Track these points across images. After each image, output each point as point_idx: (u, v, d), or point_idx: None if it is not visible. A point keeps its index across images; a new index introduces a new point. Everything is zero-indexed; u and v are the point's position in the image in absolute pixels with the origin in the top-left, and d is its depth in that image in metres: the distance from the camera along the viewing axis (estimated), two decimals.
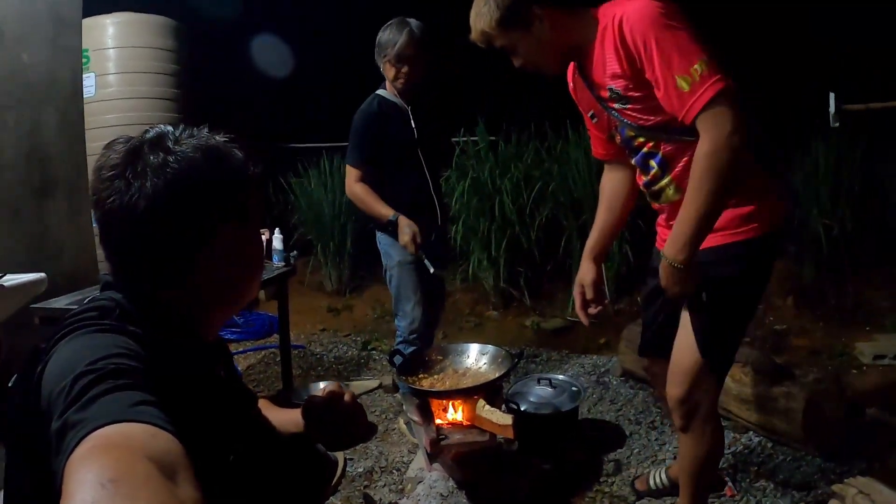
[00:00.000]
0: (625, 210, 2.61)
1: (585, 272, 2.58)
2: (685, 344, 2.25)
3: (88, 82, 5.15)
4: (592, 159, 5.71)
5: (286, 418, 1.57)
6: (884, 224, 5.20)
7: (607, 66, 2.06)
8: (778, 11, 6.32)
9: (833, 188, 5.18)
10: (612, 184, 2.60)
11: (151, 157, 1.12)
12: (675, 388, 2.29)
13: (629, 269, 5.68)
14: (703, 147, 1.89)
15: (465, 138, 6.45)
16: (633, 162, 2.32)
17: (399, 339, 3.60)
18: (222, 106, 6.76)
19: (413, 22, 3.39)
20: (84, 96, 4.48)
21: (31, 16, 3.57)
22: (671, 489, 2.93)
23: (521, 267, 6.11)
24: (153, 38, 5.49)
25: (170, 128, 1.21)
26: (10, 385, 1.12)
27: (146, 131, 1.20)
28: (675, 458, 3.22)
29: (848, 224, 5.12)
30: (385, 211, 3.37)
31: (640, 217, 5.61)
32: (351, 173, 3.48)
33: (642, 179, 2.32)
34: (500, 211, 5.99)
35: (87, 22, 4.50)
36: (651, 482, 2.99)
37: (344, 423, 1.52)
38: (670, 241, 2.01)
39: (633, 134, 2.20)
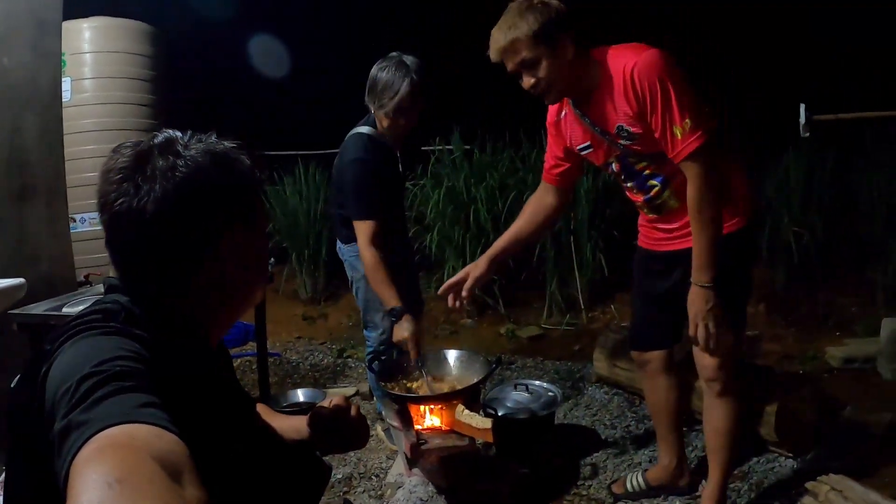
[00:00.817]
0: (542, 228, 2.93)
1: (479, 267, 2.78)
2: None
3: (64, 86, 5.11)
4: None
5: (286, 425, 1.60)
6: (854, 232, 5.29)
7: (618, 108, 2.34)
8: (753, 24, 6.42)
9: (804, 197, 5.27)
10: (541, 203, 2.84)
11: (160, 161, 1.13)
12: (708, 362, 2.51)
13: (603, 278, 5.73)
14: (692, 189, 2.30)
15: (440, 147, 6.47)
16: (628, 184, 2.60)
17: (369, 350, 3.50)
18: (198, 112, 6.74)
19: (411, 63, 3.05)
20: None
21: (13, 19, 3.54)
22: (648, 492, 2.99)
23: (496, 275, 6.12)
24: (130, 44, 5.47)
25: (178, 133, 1.22)
26: (12, 386, 1.12)
27: (154, 135, 1.21)
28: (650, 461, 3.27)
29: (819, 232, 5.20)
30: (391, 299, 3.05)
31: (615, 227, 5.70)
32: (365, 229, 3.09)
33: (640, 198, 2.60)
34: (475, 219, 6.01)
35: (64, 25, 4.47)
36: (628, 485, 3.03)
37: (349, 434, 1.55)
38: (695, 269, 2.36)
39: (635, 160, 2.50)
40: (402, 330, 3.00)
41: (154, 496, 0.74)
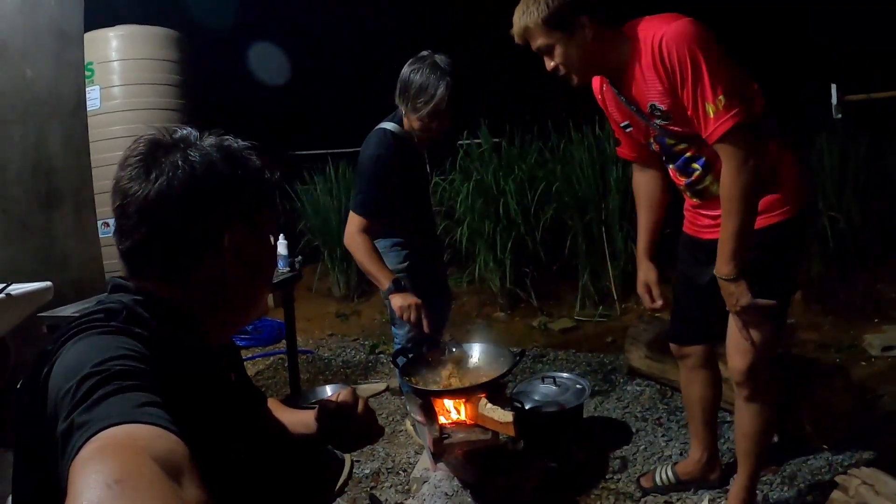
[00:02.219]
0: (662, 206, 2.77)
1: (648, 272, 2.77)
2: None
3: (93, 95, 5.20)
4: (596, 158, 5.79)
5: (297, 419, 1.59)
6: (890, 216, 5.17)
7: (649, 84, 2.19)
8: (781, 8, 6.31)
9: (838, 181, 5.16)
10: (646, 185, 2.74)
11: (173, 153, 1.17)
12: (739, 362, 2.39)
13: (635, 268, 5.65)
14: (726, 173, 2.12)
15: (468, 140, 6.45)
16: (670, 166, 2.47)
17: (397, 347, 3.45)
18: (227, 115, 6.78)
19: (445, 65, 2.92)
20: (89, 109, 4.53)
21: (35, 31, 3.61)
22: (677, 485, 2.94)
23: (528, 268, 6.11)
24: (156, 50, 5.53)
25: (195, 130, 1.25)
26: (18, 387, 1.13)
27: (173, 131, 1.24)
28: (681, 454, 3.22)
29: (854, 217, 5.10)
30: (384, 277, 2.98)
31: None
32: (354, 221, 3.03)
33: (682, 181, 2.45)
34: (505, 212, 6.00)
35: (90, 35, 4.55)
36: (657, 479, 2.98)
37: (356, 429, 1.55)
38: (719, 260, 2.22)
39: (673, 142, 2.34)
40: (401, 300, 2.93)
41: (153, 497, 0.74)
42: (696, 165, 2.35)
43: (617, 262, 5.77)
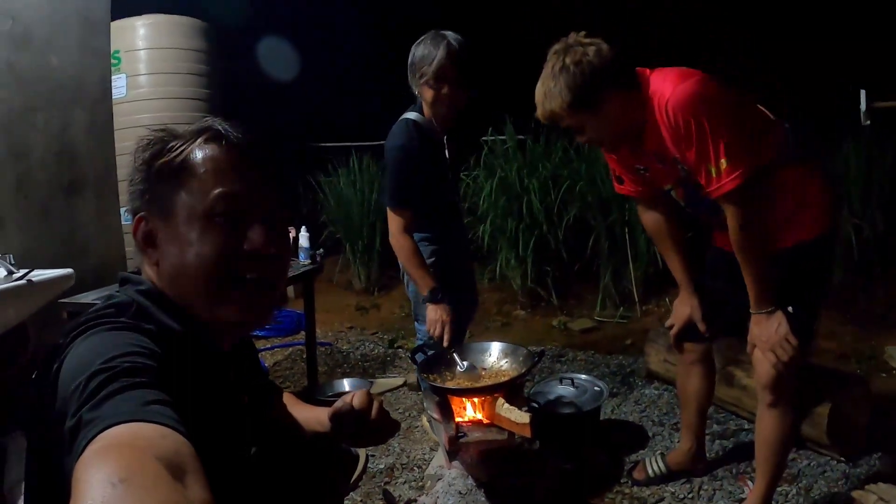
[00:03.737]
0: (682, 235, 2.79)
1: (694, 308, 2.78)
2: None
3: (119, 83, 5.24)
4: None
5: (312, 416, 1.60)
6: None
7: (668, 140, 2.24)
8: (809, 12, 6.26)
9: (864, 188, 5.10)
10: (659, 223, 2.77)
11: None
12: (767, 369, 2.39)
13: (657, 270, 5.64)
14: (732, 228, 2.23)
15: (492, 137, 6.44)
16: (692, 210, 2.55)
17: (419, 343, 3.49)
18: (252, 106, 6.82)
19: (450, 34, 2.94)
20: (115, 97, 4.56)
21: (60, 19, 3.64)
22: (669, 475, 3.03)
23: (549, 267, 6.10)
24: (183, 40, 5.56)
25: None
26: (30, 381, 1.14)
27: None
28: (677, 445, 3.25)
29: (879, 225, 5.03)
30: (425, 284, 3.06)
31: None
32: (394, 220, 3.10)
33: (711, 220, 2.53)
34: (528, 210, 5.98)
35: (117, 24, 4.57)
36: (649, 469, 3.05)
37: (369, 431, 1.55)
38: (753, 302, 2.31)
39: (698, 186, 2.32)
40: (435, 314, 3.02)
41: (157, 496, 0.74)
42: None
43: (639, 264, 5.75)
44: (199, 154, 1.19)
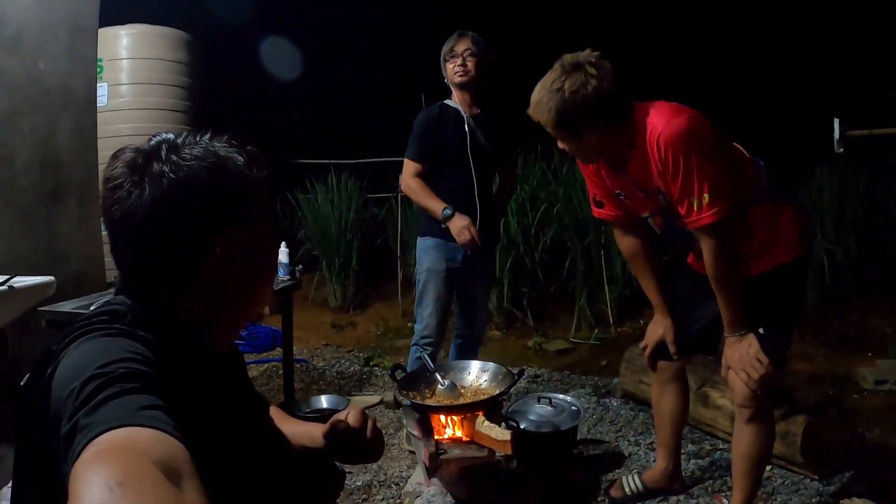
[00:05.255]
0: (657, 259, 2.86)
1: (667, 329, 2.82)
2: None
3: (101, 91, 5.20)
4: None
5: (301, 431, 1.58)
6: (888, 251, 5.21)
7: (653, 172, 2.32)
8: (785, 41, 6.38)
9: (837, 214, 5.20)
10: (636, 247, 2.81)
11: (152, 166, 1.13)
12: (743, 387, 2.46)
13: (632, 292, 5.69)
14: (707, 258, 2.33)
15: None
16: (668, 238, 2.63)
17: (413, 341, 3.72)
18: (232, 119, 6.81)
19: (469, 32, 3.54)
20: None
21: (50, 24, 3.62)
22: (645, 493, 3.04)
23: (525, 287, 6.12)
24: (166, 51, 5.55)
25: (171, 135, 1.21)
26: (22, 384, 1.13)
27: (149, 139, 1.20)
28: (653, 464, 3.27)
29: (852, 250, 5.13)
30: (438, 205, 3.43)
31: None
32: (408, 167, 3.57)
33: (687, 248, 2.65)
34: (505, 231, 5.99)
35: (101, 32, 4.55)
36: (626, 487, 3.06)
37: (363, 450, 1.55)
38: (726, 326, 2.42)
39: (677, 218, 2.40)
40: (459, 221, 3.39)
41: (154, 500, 0.74)
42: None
43: (614, 286, 5.79)
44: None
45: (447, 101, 3.62)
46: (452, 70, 3.51)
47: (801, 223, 2.51)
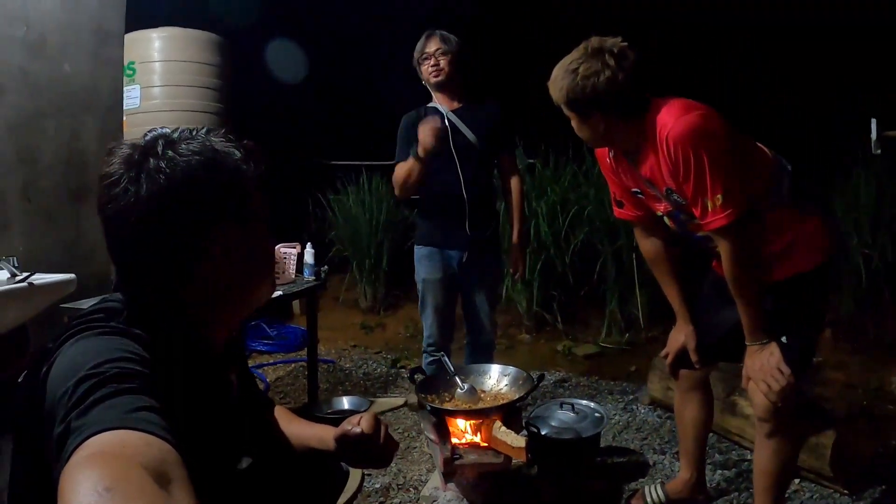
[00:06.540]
0: (678, 263, 2.77)
1: (689, 336, 2.73)
2: None
3: (133, 94, 5.27)
4: None
5: (312, 434, 1.58)
6: None
7: (663, 169, 2.26)
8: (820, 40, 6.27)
9: (874, 217, 5.07)
10: (657, 249, 2.75)
11: (146, 164, 1.12)
12: (762, 400, 2.37)
13: (663, 298, 5.58)
14: (724, 260, 2.26)
15: None
16: (682, 238, 2.55)
17: (423, 348, 3.76)
18: (263, 121, 6.86)
19: (437, 31, 3.54)
20: (129, 107, 4.57)
21: (75, 27, 3.66)
22: None
23: (555, 291, 6.07)
24: (198, 53, 5.59)
25: (167, 130, 1.21)
26: (19, 381, 1.14)
27: (144, 135, 1.20)
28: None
29: (889, 254, 4.99)
30: (412, 158, 3.39)
31: None
32: (397, 167, 3.55)
33: (705, 248, 2.51)
34: (536, 234, 5.97)
35: (133, 35, 4.61)
36: (648, 498, 2.98)
37: (374, 456, 1.55)
38: (747, 334, 2.32)
39: (686, 218, 2.38)
40: (423, 129, 3.29)
41: None
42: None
43: (645, 290, 5.71)
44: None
45: (430, 104, 3.64)
46: (427, 71, 3.54)
47: (826, 231, 2.41)
